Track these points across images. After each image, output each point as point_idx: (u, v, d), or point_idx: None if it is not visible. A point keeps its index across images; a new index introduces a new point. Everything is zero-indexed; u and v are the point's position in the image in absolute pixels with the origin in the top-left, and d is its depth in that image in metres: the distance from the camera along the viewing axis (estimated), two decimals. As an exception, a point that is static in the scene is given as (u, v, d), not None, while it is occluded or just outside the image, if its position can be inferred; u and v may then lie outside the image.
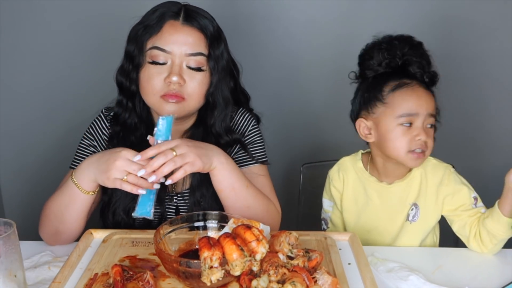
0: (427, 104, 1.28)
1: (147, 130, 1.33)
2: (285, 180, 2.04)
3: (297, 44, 2.05)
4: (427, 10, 2.00)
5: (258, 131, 1.41)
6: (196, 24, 1.26)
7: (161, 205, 1.34)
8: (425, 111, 1.27)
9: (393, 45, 1.31)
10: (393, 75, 1.31)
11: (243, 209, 1.23)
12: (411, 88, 1.29)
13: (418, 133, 1.27)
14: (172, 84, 1.23)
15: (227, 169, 1.20)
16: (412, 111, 1.27)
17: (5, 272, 0.93)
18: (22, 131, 2.12)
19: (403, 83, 1.29)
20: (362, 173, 1.42)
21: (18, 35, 2.01)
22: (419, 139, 1.27)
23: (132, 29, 1.30)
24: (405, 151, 1.28)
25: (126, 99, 1.34)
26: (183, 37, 1.24)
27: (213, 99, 1.30)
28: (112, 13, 1.95)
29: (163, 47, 1.24)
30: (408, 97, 1.28)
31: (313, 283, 0.93)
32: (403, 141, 1.28)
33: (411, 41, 1.32)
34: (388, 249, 1.32)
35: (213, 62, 1.27)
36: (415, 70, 1.30)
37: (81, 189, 1.19)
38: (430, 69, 1.32)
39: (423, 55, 1.31)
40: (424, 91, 1.29)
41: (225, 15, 1.57)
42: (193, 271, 0.94)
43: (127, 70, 1.30)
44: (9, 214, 2.19)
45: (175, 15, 1.26)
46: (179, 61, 1.24)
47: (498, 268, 1.21)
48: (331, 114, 2.10)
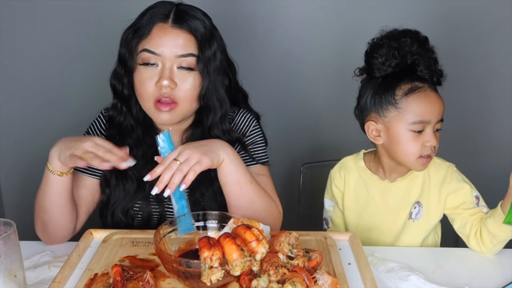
0: (439, 111, 1.28)
1: (143, 132, 1.33)
2: (285, 180, 2.04)
3: (297, 44, 2.05)
4: (427, 9, 2.00)
5: (259, 131, 1.41)
6: (186, 26, 1.25)
7: (160, 205, 1.34)
8: (436, 118, 1.27)
9: (402, 43, 1.28)
10: (403, 76, 1.29)
11: (246, 206, 1.23)
12: (423, 93, 1.27)
13: (429, 139, 1.27)
14: (163, 88, 1.23)
15: (234, 162, 1.20)
16: (425, 118, 1.27)
17: (5, 272, 0.93)
18: (22, 131, 2.13)
19: (416, 87, 1.28)
20: (364, 171, 1.42)
21: (17, 34, 2.02)
22: (429, 145, 1.27)
23: (123, 33, 1.30)
24: (415, 157, 1.29)
25: (120, 103, 1.34)
26: (172, 39, 1.23)
27: (206, 101, 1.29)
28: (111, 12, 1.95)
29: (153, 50, 1.23)
30: (422, 103, 1.27)
31: (313, 283, 0.93)
32: (414, 147, 1.28)
33: (419, 38, 1.30)
34: (388, 249, 1.32)
35: (203, 64, 1.25)
36: (423, 72, 1.29)
37: (52, 170, 1.19)
38: (437, 68, 1.31)
39: (430, 53, 1.30)
40: (435, 96, 1.29)
41: (225, 15, 1.57)
42: (193, 271, 0.94)
43: (119, 74, 1.31)
44: (9, 214, 2.19)
45: (164, 18, 1.25)
46: (170, 64, 1.23)
47: (498, 268, 1.21)
48: (331, 114, 2.10)
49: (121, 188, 1.32)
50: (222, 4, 1.95)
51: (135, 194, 1.32)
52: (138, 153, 1.30)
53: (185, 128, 1.37)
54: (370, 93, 1.34)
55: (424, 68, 1.29)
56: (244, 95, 1.45)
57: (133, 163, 1.14)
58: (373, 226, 1.40)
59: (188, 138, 1.35)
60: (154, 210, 1.34)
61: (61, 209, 1.24)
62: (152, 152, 1.31)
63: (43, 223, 1.26)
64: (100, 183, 1.35)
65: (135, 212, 1.33)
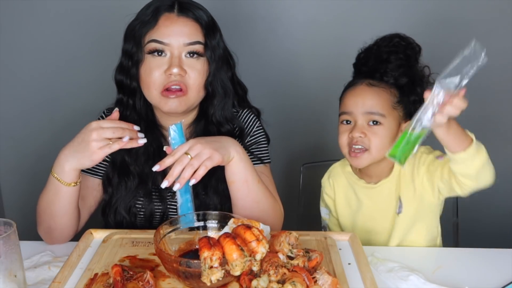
0: (364, 102, 1.31)
1: (146, 127, 1.33)
2: (285, 180, 2.04)
3: (297, 44, 2.05)
4: (427, 9, 2.00)
5: (262, 130, 1.42)
6: (191, 15, 1.27)
7: (163, 202, 1.34)
8: (361, 109, 1.31)
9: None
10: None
11: (252, 205, 1.23)
12: (354, 88, 1.35)
13: (353, 130, 1.31)
14: (173, 75, 1.23)
15: (243, 160, 1.20)
16: (347, 109, 1.33)
17: (5, 272, 0.93)
18: (22, 131, 2.13)
19: (354, 83, 1.35)
20: (350, 177, 1.44)
21: (16, 33, 2.02)
22: (355, 136, 1.31)
23: (128, 27, 1.31)
24: (346, 149, 1.34)
25: (126, 96, 1.34)
26: (179, 28, 1.25)
27: (212, 88, 1.30)
28: (111, 10, 1.95)
29: (161, 40, 1.24)
30: (348, 96, 1.35)
31: (313, 283, 0.93)
32: (342, 138, 1.35)
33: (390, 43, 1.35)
34: (388, 249, 1.32)
35: (210, 51, 1.27)
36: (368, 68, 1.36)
37: (63, 182, 1.18)
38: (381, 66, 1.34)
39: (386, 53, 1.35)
40: (367, 89, 1.32)
41: (225, 15, 1.57)
42: (193, 271, 0.94)
43: (126, 67, 1.31)
44: (9, 214, 2.19)
45: (169, 8, 1.27)
46: (178, 52, 1.24)
47: (498, 268, 1.21)
48: (331, 114, 2.09)
49: (123, 186, 1.32)
50: (222, 3, 1.95)
51: (137, 191, 1.32)
52: (140, 149, 1.30)
53: (189, 123, 1.37)
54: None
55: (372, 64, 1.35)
56: (243, 89, 1.45)
57: (145, 140, 1.17)
58: (367, 228, 1.41)
59: (192, 132, 1.36)
60: (157, 207, 1.34)
61: (69, 216, 1.25)
62: (154, 148, 1.32)
63: (49, 228, 1.26)
64: (102, 182, 1.35)
65: (137, 210, 1.33)
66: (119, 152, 1.30)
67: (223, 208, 1.30)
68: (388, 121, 1.31)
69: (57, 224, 1.25)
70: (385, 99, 1.32)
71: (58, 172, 1.18)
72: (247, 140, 1.38)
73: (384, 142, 1.30)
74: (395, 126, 1.33)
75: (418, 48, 1.36)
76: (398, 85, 1.34)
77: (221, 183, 1.30)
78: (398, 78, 1.33)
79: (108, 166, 1.34)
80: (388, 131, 1.31)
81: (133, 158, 1.32)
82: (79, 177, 1.21)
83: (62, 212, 1.23)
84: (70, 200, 1.22)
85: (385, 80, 1.33)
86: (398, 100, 1.33)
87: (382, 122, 1.31)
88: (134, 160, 1.32)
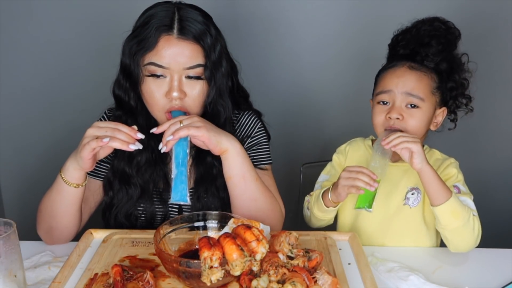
0: (405, 83, 1.30)
1: (147, 137, 1.28)
2: (285, 180, 2.03)
3: (298, 44, 2.04)
4: (426, 10, 1.99)
5: (263, 131, 1.41)
6: (191, 36, 1.22)
7: (164, 205, 1.34)
8: (401, 89, 1.29)
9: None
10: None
11: (250, 202, 1.23)
12: (394, 69, 1.33)
13: (391, 111, 1.29)
14: (173, 99, 1.23)
15: (240, 155, 1.20)
16: (386, 88, 1.31)
17: (5, 272, 0.93)
18: (22, 131, 2.12)
19: (394, 65, 1.34)
20: (369, 149, 1.44)
21: (18, 34, 2.01)
22: (392, 117, 1.29)
23: (125, 43, 1.27)
24: (381, 130, 1.32)
25: (125, 116, 1.31)
26: (179, 51, 1.21)
27: (211, 107, 1.29)
28: (113, 13, 1.95)
29: (160, 63, 1.21)
30: (388, 76, 1.33)
31: (313, 283, 0.94)
32: (377, 118, 1.33)
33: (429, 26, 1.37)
34: (388, 249, 1.32)
35: (210, 72, 1.25)
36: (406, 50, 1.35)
37: (67, 182, 1.19)
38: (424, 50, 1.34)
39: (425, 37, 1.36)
40: (408, 71, 1.31)
41: (225, 15, 1.57)
42: (193, 271, 0.94)
43: (124, 86, 1.29)
44: (9, 214, 2.19)
45: (168, 29, 1.22)
46: (178, 75, 1.22)
47: (498, 268, 1.21)
48: (331, 114, 2.10)
49: (124, 193, 1.32)
50: (222, 3, 1.95)
51: (138, 201, 1.33)
52: (142, 159, 1.31)
53: None
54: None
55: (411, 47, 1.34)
56: (245, 94, 1.45)
57: (141, 147, 1.15)
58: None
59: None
60: (158, 210, 1.34)
61: (71, 216, 1.25)
62: (155, 157, 1.31)
63: (50, 228, 1.26)
64: (103, 185, 1.35)
65: (138, 213, 1.33)
66: (119, 162, 1.31)
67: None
68: (426, 105, 1.30)
69: (58, 224, 1.25)
70: (426, 83, 1.31)
71: (64, 171, 1.19)
72: (248, 141, 1.38)
73: (420, 126, 1.30)
74: (431, 112, 1.32)
75: (458, 32, 1.36)
76: (438, 70, 1.33)
77: (222, 191, 1.30)
78: (439, 63, 1.33)
79: (109, 170, 1.34)
80: (424, 116, 1.31)
81: (134, 170, 1.31)
82: (84, 179, 1.21)
83: (64, 212, 1.23)
84: (72, 201, 1.22)
85: (426, 64, 1.33)
86: (437, 86, 1.33)
87: (420, 106, 1.30)
88: (136, 172, 1.31)
